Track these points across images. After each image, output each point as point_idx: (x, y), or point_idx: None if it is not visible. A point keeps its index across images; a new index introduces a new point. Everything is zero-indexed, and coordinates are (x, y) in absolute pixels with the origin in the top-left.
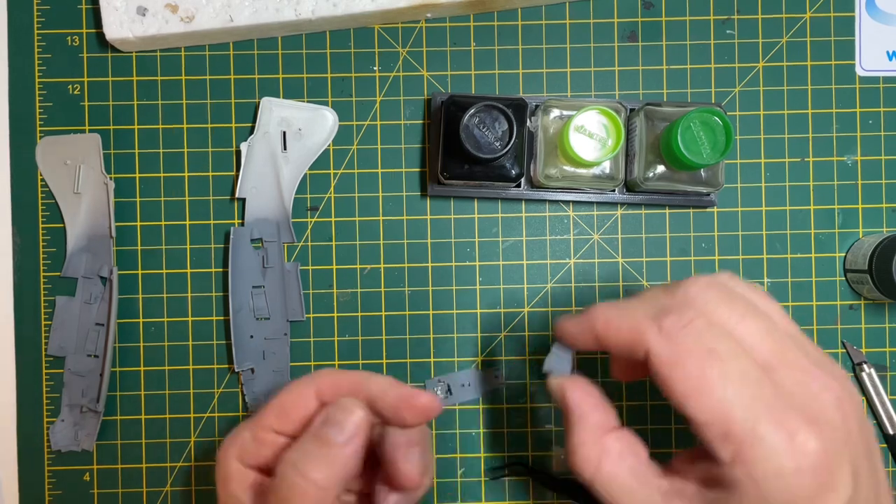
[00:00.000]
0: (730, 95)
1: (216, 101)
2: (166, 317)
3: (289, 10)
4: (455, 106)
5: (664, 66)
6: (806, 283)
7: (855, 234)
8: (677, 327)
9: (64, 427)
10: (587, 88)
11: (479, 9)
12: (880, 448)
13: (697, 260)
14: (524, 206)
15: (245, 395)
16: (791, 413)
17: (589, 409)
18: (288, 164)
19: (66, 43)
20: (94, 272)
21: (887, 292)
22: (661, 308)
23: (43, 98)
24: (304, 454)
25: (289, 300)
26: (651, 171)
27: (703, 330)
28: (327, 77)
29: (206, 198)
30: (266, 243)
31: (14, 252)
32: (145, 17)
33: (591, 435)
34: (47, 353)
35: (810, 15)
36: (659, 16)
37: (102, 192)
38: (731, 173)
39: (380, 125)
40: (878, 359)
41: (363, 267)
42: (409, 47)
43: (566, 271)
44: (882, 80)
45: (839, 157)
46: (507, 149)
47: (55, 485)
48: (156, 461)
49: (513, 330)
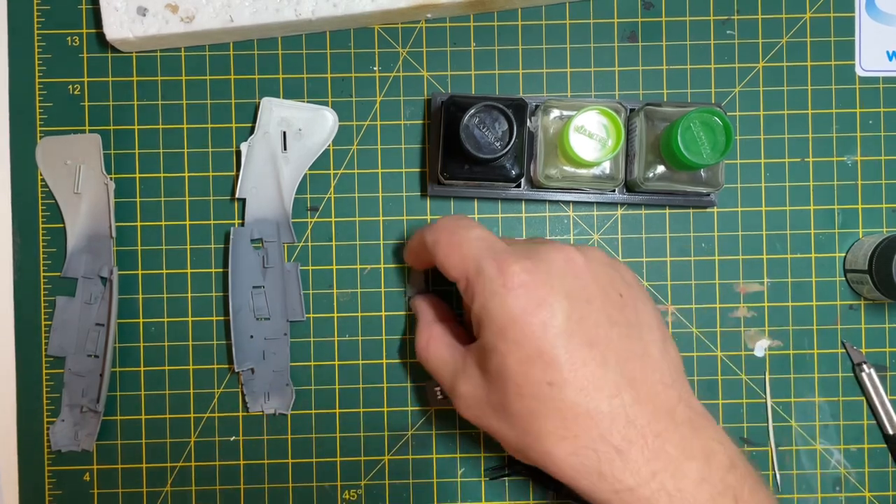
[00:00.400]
0: (730, 96)
1: (216, 102)
2: (166, 317)
3: (289, 10)
4: (455, 106)
5: (664, 67)
6: (806, 283)
7: (855, 234)
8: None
9: (64, 427)
10: (587, 89)
11: (479, 9)
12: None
13: (697, 260)
14: (524, 207)
15: (245, 395)
16: (510, 256)
17: (426, 308)
18: (288, 165)
19: (66, 43)
20: (94, 272)
21: (887, 292)
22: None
23: (43, 98)
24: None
25: (289, 300)
26: (651, 172)
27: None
28: (327, 77)
29: (206, 198)
30: (266, 243)
31: (14, 252)
32: (145, 17)
33: (425, 326)
34: (47, 353)
35: (810, 15)
36: (659, 16)
37: (102, 192)
38: (731, 173)
39: (380, 125)
40: (878, 359)
41: (363, 267)
42: (409, 47)
43: None
44: (882, 81)
45: (839, 157)
46: (507, 149)
47: (55, 485)
48: (156, 461)
49: None
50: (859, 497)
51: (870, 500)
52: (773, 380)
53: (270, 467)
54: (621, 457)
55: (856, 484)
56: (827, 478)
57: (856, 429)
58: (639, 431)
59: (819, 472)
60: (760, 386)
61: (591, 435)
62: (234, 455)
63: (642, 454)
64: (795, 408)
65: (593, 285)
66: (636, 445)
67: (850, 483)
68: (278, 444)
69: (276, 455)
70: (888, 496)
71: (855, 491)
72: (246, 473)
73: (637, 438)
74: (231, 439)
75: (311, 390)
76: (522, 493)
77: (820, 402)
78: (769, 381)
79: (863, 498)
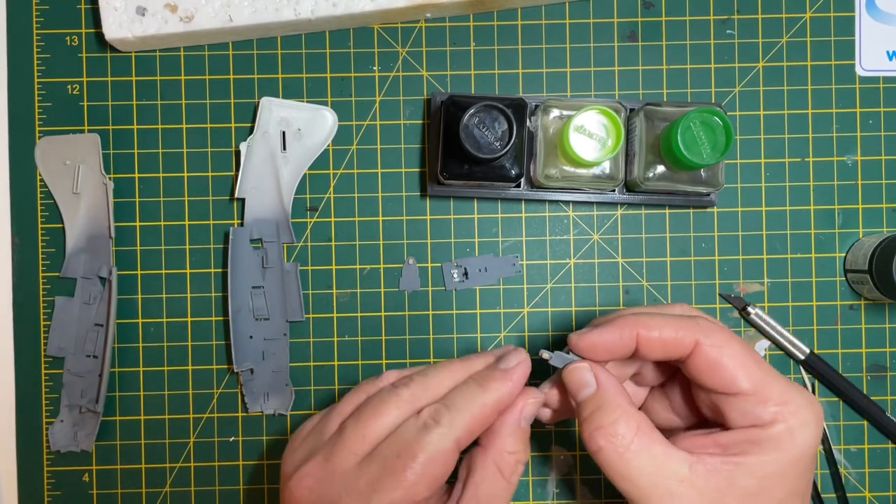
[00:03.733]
0: (730, 95)
1: (215, 101)
2: (165, 317)
3: (288, 10)
4: (455, 106)
5: (664, 66)
6: (806, 283)
7: (855, 234)
8: (716, 324)
9: (63, 427)
10: (587, 88)
11: (478, 9)
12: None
13: (697, 260)
14: (524, 206)
15: (244, 396)
16: (797, 386)
17: (613, 385)
18: (287, 165)
19: (65, 43)
20: (93, 272)
21: (887, 292)
22: (690, 315)
23: (42, 98)
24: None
25: (288, 300)
26: (651, 171)
27: (730, 331)
28: (327, 77)
29: (206, 198)
30: (266, 243)
31: (13, 252)
32: (144, 17)
33: (623, 413)
34: (46, 353)
35: (810, 15)
36: (659, 16)
37: (102, 192)
38: (731, 173)
39: (379, 125)
40: (878, 359)
41: (363, 267)
42: (408, 47)
43: (566, 271)
44: (882, 80)
45: (839, 157)
46: (507, 149)
47: (54, 485)
48: (155, 462)
49: (512, 330)
50: (859, 497)
51: (870, 500)
52: None
53: (270, 468)
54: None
55: (856, 484)
56: (827, 478)
57: (856, 429)
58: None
59: (819, 472)
60: None
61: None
62: (233, 455)
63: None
64: None
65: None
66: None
67: (850, 483)
68: (278, 444)
69: (276, 455)
70: (888, 496)
71: (855, 491)
72: (245, 474)
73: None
74: (230, 440)
75: (311, 391)
76: (522, 494)
77: (820, 402)
78: None
79: (863, 498)
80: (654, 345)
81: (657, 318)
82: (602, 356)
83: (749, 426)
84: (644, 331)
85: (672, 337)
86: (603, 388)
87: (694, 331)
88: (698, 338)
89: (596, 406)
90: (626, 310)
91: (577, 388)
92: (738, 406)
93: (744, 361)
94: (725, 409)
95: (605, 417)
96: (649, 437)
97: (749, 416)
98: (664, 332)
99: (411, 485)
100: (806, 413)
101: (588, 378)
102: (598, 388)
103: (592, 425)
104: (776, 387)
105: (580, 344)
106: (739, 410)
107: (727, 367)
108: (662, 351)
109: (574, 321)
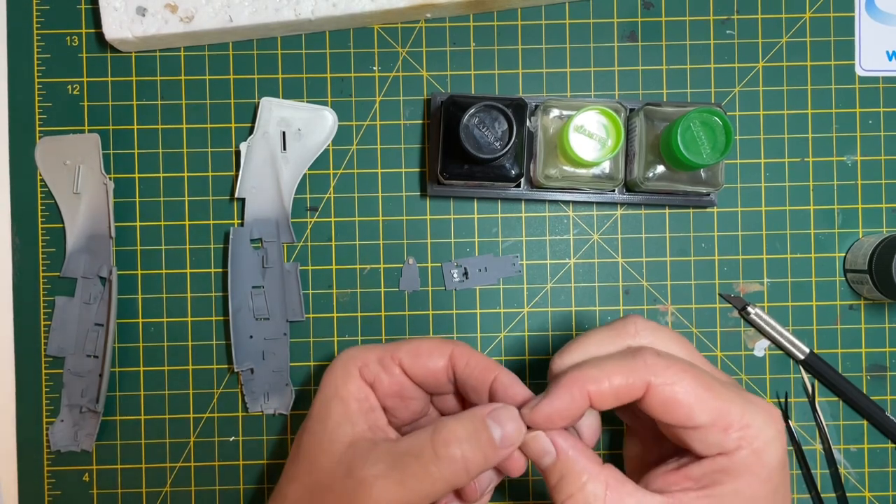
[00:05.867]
0: (730, 95)
1: (215, 102)
2: (166, 317)
3: (288, 10)
4: (455, 106)
5: (664, 66)
6: (806, 283)
7: (855, 234)
8: (658, 357)
9: (63, 427)
10: (587, 88)
11: (478, 9)
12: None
13: (697, 260)
14: (524, 207)
15: (244, 396)
16: (754, 402)
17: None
18: (287, 165)
19: (65, 43)
20: (93, 272)
21: (887, 292)
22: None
23: (42, 98)
24: (472, 439)
25: (288, 300)
26: (651, 171)
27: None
28: (327, 77)
29: (206, 198)
30: (266, 243)
31: (14, 252)
32: (145, 17)
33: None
34: (47, 353)
35: (810, 15)
36: (659, 16)
37: (102, 192)
38: (731, 173)
39: (379, 125)
40: (878, 359)
41: (363, 267)
42: (408, 47)
43: (566, 271)
44: (882, 80)
45: (839, 157)
46: (507, 149)
47: (55, 485)
48: (155, 461)
49: (512, 330)
50: (859, 497)
51: (870, 500)
52: (772, 379)
53: (270, 467)
54: None
55: (856, 484)
56: (827, 478)
57: (856, 429)
58: None
59: (819, 471)
60: (760, 386)
61: None
62: (233, 455)
63: None
64: (795, 407)
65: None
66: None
67: (850, 483)
68: (278, 444)
69: (276, 455)
70: (888, 496)
71: (855, 491)
72: (245, 473)
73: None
74: (231, 439)
75: (311, 390)
76: (522, 494)
77: (820, 402)
78: (770, 381)
79: (863, 498)
80: (605, 397)
81: (603, 369)
82: (561, 424)
83: (716, 455)
84: (593, 386)
85: (622, 384)
86: (562, 453)
87: (642, 372)
88: (648, 379)
89: (560, 475)
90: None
91: (538, 458)
92: (700, 438)
93: (698, 395)
94: (689, 442)
95: (572, 485)
96: (619, 493)
97: (713, 447)
98: (613, 382)
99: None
100: (768, 431)
101: (546, 446)
102: (558, 454)
103: (562, 495)
104: (734, 411)
105: (535, 419)
106: (703, 442)
107: (682, 402)
108: (616, 400)
109: (574, 321)
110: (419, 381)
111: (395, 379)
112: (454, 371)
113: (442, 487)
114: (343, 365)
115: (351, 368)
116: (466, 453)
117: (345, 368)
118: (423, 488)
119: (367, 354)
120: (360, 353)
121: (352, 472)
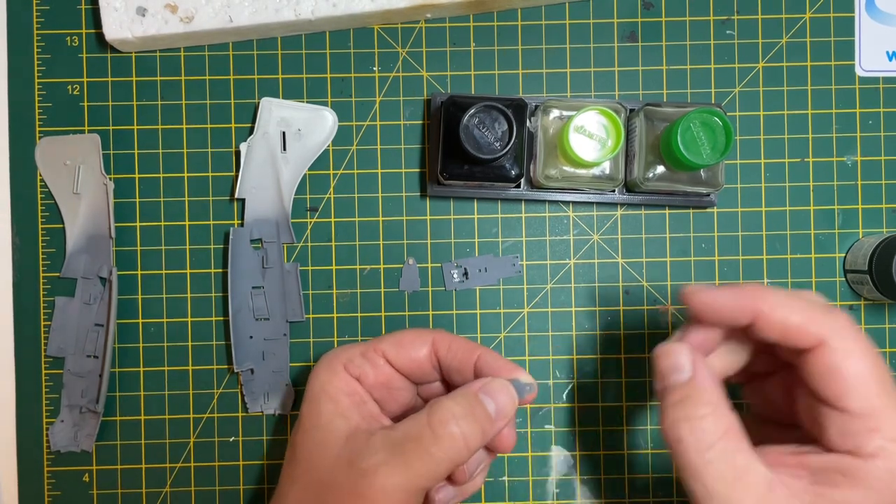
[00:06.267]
0: (730, 96)
1: (215, 102)
2: (166, 317)
3: (288, 10)
4: (455, 106)
5: (664, 67)
6: (806, 283)
7: (855, 234)
8: (851, 326)
9: (63, 428)
10: (587, 89)
11: (478, 9)
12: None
13: (697, 260)
14: (524, 207)
15: (244, 396)
16: None
17: (712, 383)
18: (287, 165)
19: (65, 43)
20: (93, 273)
21: (887, 293)
22: (820, 302)
23: (42, 98)
24: (467, 415)
25: (288, 301)
26: (651, 172)
27: (867, 338)
28: (327, 77)
29: (206, 198)
30: (266, 244)
31: (13, 252)
32: (145, 17)
33: (712, 411)
34: (47, 353)
35: (810, 15)
36: (659, 16)
37: (102, 192)
38: (731, 173)
39: (379, 125)
40: None
41: (363, 267)
42: (408, 47)
43: (566, 272)
44: (882, 81)
45: (839, 157)
46: (507, 149)
47: (54, 485)
48: (155, 462)
49: (512, 330)
50: None
51: None
52: None
53: (270, 468)
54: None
55: None
56: None
57: None
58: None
59: None
60: None
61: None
62: (233, 455)
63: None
64: None
65: None
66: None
67: None
68: (278, 444)
69: (276, 455)
70: None
71: None
72: (245, 474)
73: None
74: (230, 440)
75: None
76: (522, 494)
77: None
78: None
79: None
80: (773, 327)
81: (786, 298)
82: (709, 317)
83: (845, 452)
84: (767, 308)
85: (797, 325)
86: (699, 377)
87: (826, 327)
88: (826, 336)
89: (686, 395)
90: (750, 283)
91: (668, 371)
92: (841, 424)
93: (866, 378)
94: (826, 424)
95: (694, 409)
96: (736, 444)
97: (849, 440)
98: (791, 317)
99: None
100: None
101: (684, 362)
102: (694, 375)
103: (678, 413)
104: (892, 418)
105: (692, 298)
106: (841, 430)
107: (846, 377)
108: (780, 336)
109: (574, 321)
110: (405, 371)
111: (380, 370)
112: (437, 357)
113: (445, 466)
114: (327, 364)
115: (335, 366)
116: (464, 429)
117: (329, 366)
118: (427, 470)
119: (350, 351)
120: (342, 351)
121: (353, 464)
